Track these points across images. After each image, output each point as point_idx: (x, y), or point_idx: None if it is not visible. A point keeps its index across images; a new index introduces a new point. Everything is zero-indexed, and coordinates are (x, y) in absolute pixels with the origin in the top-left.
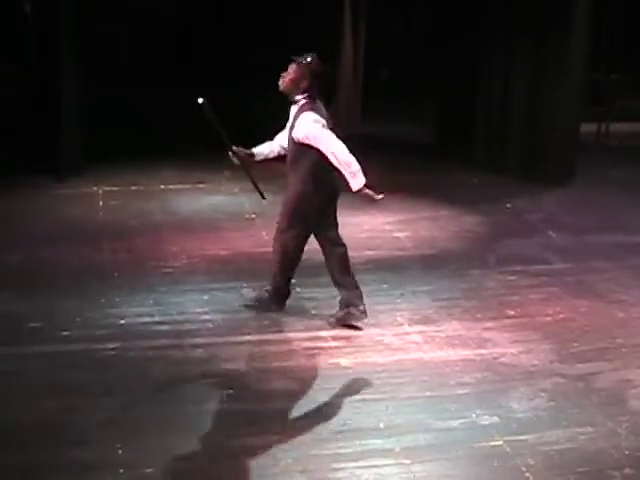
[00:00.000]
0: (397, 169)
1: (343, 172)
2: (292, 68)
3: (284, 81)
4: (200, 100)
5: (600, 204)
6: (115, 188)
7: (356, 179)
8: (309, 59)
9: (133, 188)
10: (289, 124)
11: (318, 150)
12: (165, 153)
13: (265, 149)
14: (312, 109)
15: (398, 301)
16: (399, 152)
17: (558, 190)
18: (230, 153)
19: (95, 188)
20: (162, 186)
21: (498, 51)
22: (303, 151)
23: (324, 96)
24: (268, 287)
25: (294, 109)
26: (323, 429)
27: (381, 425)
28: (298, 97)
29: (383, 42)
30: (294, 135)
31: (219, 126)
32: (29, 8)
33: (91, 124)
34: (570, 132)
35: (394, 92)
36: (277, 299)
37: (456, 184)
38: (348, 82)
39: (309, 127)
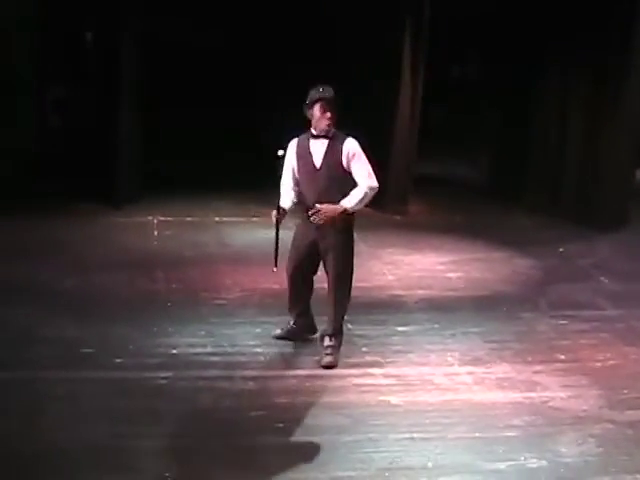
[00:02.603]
0: (451, 210)
1: (359, 195)
2: (332, 107)
3: (333, 122)
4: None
5: None
6: (170, 218)
7: (355, 208)
8: (333, 94)
9: (188, 219)
10: (318, 156)
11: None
12: (220, 185)
13: (289, 201)
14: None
15: (449, 341)
16: (453, 193)
17: (611, 235)
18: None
19: (150, 217)
20: (217, 218)
21: (554, 96)
22: (343, 181)
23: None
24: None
25: (319, 142)
26: (371, 466)
27: (429, 464)
28: (333, 131)
29: (440, 86)
30: (344, 158)
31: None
32: (90, 37)
33: (148, 153)
34: (624, 178)
35: (449, 134)
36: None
37: (509, 226)
38: (405, 124)
39: (357, 145)
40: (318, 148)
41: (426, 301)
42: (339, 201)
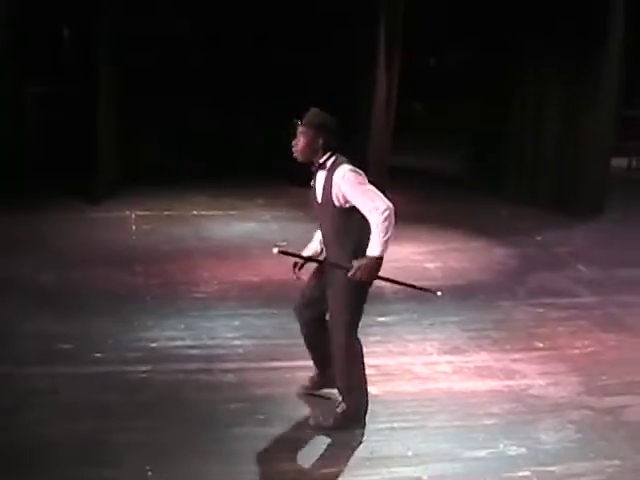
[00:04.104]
0: (428, 200)
1: (377, 233)
2: (300, 132)
3: (298, 150)
4: (275, 250)
5: (629, 238)
6: (148, 212)
7: (385, 247)
8: (313, 115)
9: (166, 213)
10: (319, 193)
11: (358, 212)
12: (198, 179)
13: (315, 248)
14: (345, 162)
15: (428, 331)
16: (430, 184)
17: (588, 224)
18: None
19: (128, 212)
20: (194, 212)
21: (530, 84)
22: (346, 217)
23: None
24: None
25: (322, 175)
26: (351, 456)
27: (409, 453)
28: (322, 159)
29: (416, 76)
30: (335, 195)
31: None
32: (67, 31)
33: (126, 148)
34: (601, 166)
35: (426, 125)
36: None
37: (486, 216)
38: (380, 115)
39: (348, 175)
40: (319, 180)
41: (404, 291)
42: (340, 243)
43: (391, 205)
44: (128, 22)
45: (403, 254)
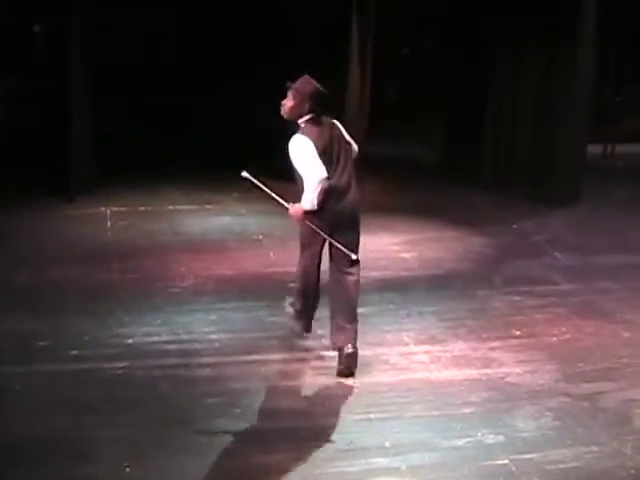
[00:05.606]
0: (403, 189)
1: (307, 192)
2: (290, 95)
3: (285, 109)
4: (243, 174)
5: (606, 225)
6: (123, 208)
7: (305, 203)
8: (303, 82)
9: (141, 209)
10: None
11: None
12: (173, 174)
13: None
14: (303, 131)
15: (404, 321)
16: (405, 172)
17: (564, 211)
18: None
19: (103, 208)
20: (170, 207)
21: (505, 72)
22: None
23: (324, 111)
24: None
25: None
26: (329, 448)
27: (387, 444)
28: (300, 121)
29: (391, 63)
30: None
31: (269, 191)
32: (38, 29)
33: (100, 144)
34: (576, 153)
35: (401, 113)
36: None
37: (462, 205)
38: (354, 102)
39: (291, 148)
40: None
41: (381, 282)
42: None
43: (322, 176)
44: (102, 15)
45: (380, 244)
